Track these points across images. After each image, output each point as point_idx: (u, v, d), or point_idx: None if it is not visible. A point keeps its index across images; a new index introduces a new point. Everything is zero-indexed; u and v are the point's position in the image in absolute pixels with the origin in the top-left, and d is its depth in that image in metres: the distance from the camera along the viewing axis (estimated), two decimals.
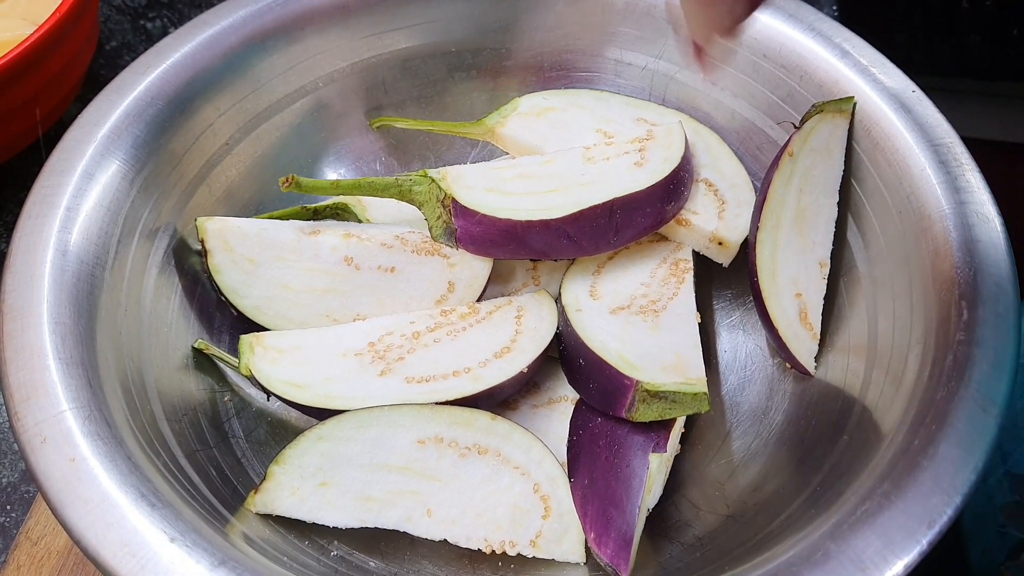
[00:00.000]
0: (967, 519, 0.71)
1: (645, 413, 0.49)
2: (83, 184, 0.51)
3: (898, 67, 0.56)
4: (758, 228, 0.55)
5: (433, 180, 0.54)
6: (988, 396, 0.42)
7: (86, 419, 0.42)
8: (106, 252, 0.50)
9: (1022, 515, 0.68)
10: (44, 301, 0.46)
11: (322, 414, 0.50)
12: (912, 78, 0.55)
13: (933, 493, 0.40)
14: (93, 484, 0.40)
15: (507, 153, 0.63)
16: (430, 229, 0.55)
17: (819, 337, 0.54)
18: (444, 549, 0.49)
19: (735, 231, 0.57)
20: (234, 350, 0.55)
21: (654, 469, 0.48)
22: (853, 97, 0.55)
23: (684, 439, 0.55)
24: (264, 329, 0.55)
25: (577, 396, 0.54)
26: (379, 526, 0.48)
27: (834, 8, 0.85)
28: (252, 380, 0.52)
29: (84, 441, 0.41)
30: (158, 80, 0.56)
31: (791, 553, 0.39)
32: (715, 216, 0.58)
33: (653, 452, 0.49)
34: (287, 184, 0.53)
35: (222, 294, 0.55)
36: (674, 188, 0.56)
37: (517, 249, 0.54)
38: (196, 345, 0.54)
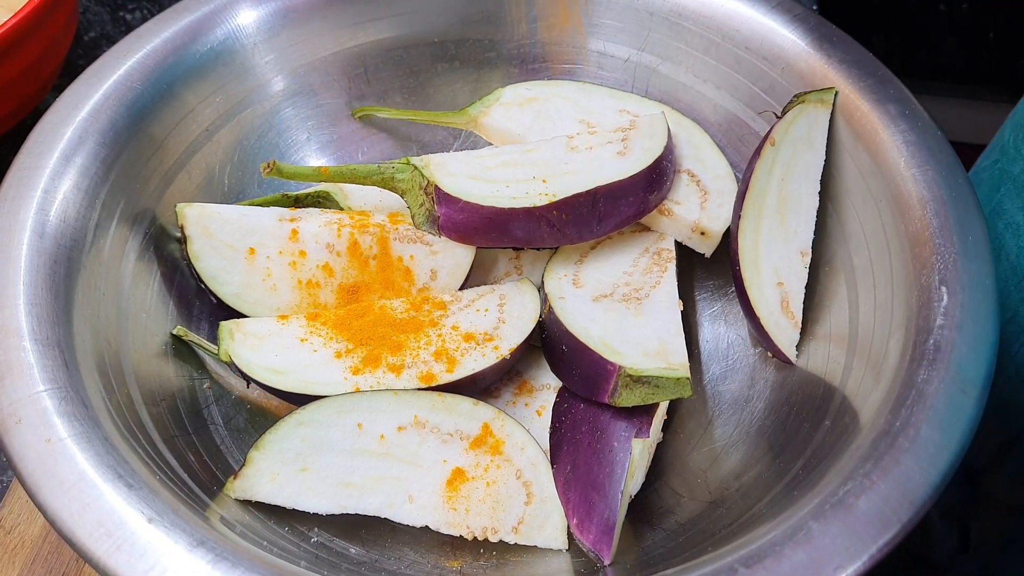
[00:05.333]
0: None
1: (628, 398, 0.49)
2: (61, 167, 0.50)
3: None
4: (740, 217, 0.55)
5: (416, 168, 0.54)
6: (968, 378, 0.43)
7: (62, 400, 0.42)
8: (84, 235, 0.49)
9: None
10: (21, 282, 0.45)
11: (302, 400, 0.49)
12: None
13: (914, 473, 0.40)
14: (69, 464, 0.39)
15: (490, 143, 0.63)
16: (412, 217, 0.54)
17: (800, 326, 0.55)
18: (425, 536, 0.49)
19: (717, 221, 0.57)
20: (213, 337, 0.54)
21: (637, 455, 0.48)
22: (834, 88, 0.55)
23: (666, 427, 0.55)
24: (244, 316, 0.55)
25: (559, 384, 0.54)
26: (360, 512, 0.47)
27: (814, 8, 0.86)
28: (232, 366, 0.51)
29: (60, 421, 0.41)
30: (138, 65, 0.55)
31: (774, 533, 0.39)
32: (697, 206, 0.58)
33: (636, 438, 0.49)
34: (268, 170, 0.52)
35: (202, 281, 0.55)
36: (657, 178, 0.56)
37: (500, 237, 0.53)
38: (175, 332, 0.54)
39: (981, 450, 0.65)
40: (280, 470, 0.47)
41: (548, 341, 0.54)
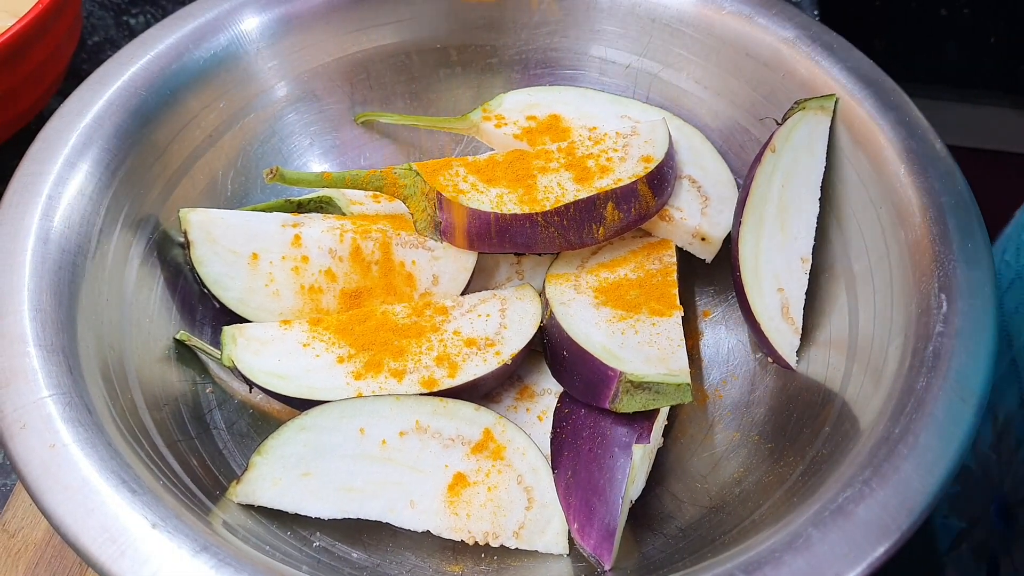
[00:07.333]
0: None
1: (628, 404, 0.49)
2: (65, 173, 0.50)
3: None
4: (740, 223, 0.56)
5: (418, 173, 0.54)
6: (967, 386, 0.43)
7: (66, 405, 0.42)
8: (88, 241, 0.50)
9: (964, 505, 0.68)
10: (25, 288, 0.46)
11: (304, 405, 0.50)
12: None
13: (913, 481, 0.40)
14: (73, 470, 0.40)
15: (492, 149, 0.64)
16: (415, 222, 0.55)
17: (800, 331, 0.55)
18: (427, 540, 0.49)
19: (718, 227, 0.58)
20: (216, 342, 0.55)
21: (637, 460, 0.49)
22: (835, 95, 0.56)
23: (667, 433, 0.55)
24: (246, 321, 0.55)
25: (560, 390, 0.54)
26: (362, 517, 0.48)
27: (815, 13, 0.86)
28: (234, 371, 0.51)
29: (64, 427, 0.41)
30: (142, 71, 0.55)
31: (773, 540, 0.40)
32: (698, 212, 0.58)
33: (636, 443, 0.49)
34: (271, 176, 0.53)
35: (205, 286, 0.55)
36: (658, 183, 0.56)
37: (501, 243, 0.54)
38: (178, 337, 0.54)
39: (1019, 485, 0.65)
40: (282, 475, 0.47)
41: (549, 346, 0.54)
